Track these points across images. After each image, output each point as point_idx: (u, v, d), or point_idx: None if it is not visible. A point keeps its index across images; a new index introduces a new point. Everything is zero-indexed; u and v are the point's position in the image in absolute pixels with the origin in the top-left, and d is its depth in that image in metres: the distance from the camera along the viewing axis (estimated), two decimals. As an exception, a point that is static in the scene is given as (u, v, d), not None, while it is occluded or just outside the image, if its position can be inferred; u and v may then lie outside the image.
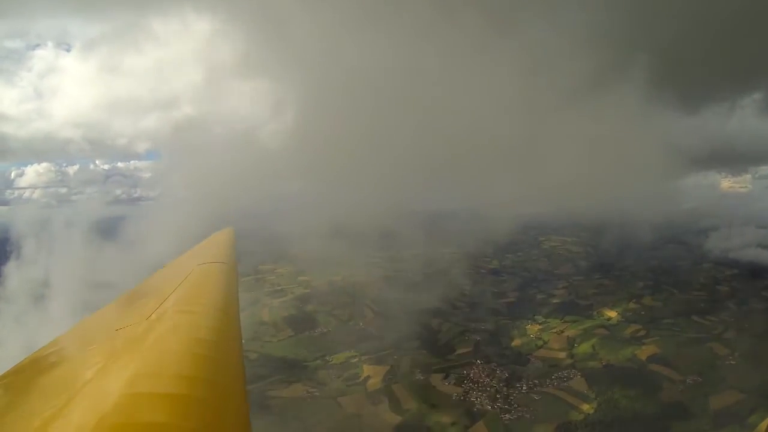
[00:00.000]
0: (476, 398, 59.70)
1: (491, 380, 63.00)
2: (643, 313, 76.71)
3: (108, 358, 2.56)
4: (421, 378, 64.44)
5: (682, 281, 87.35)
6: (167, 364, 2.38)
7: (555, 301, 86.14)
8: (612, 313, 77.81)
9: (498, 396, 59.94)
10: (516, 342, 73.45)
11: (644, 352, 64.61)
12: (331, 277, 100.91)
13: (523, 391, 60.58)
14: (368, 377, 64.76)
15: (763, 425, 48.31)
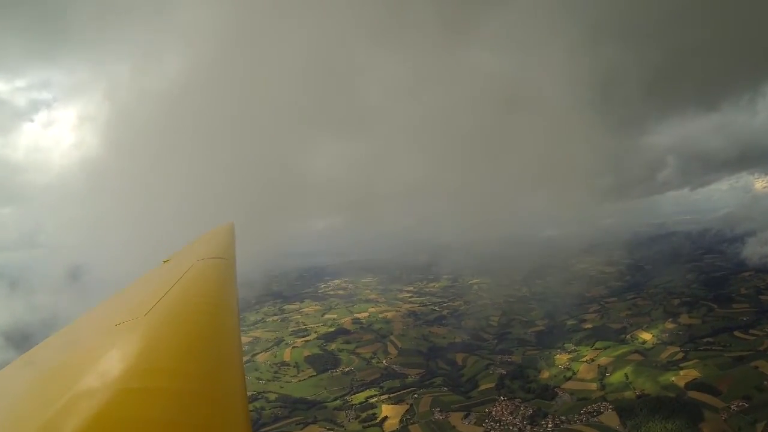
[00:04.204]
0: (496, 438, 56.34)
1: (514, 418, 59.05)
2: (680, 333, 69.56)
3: (107, 353, 2.62)
4: (441, 417, 61.50)
5: (721, 294, 78.89)
6: (167, 360, 2.42)
7: (586, 326, 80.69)
8: (647, 336, 71.54)
9: (520, 435, 56.37)
10: (543, 374, 68.76)
11: (682, 378, 58.35)
12: (357, 314, 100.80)
13: (548, 429, 56.34)
14: (386, 417, 62.71)
15: None
